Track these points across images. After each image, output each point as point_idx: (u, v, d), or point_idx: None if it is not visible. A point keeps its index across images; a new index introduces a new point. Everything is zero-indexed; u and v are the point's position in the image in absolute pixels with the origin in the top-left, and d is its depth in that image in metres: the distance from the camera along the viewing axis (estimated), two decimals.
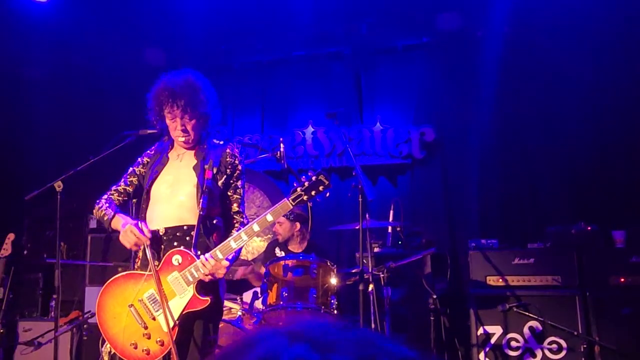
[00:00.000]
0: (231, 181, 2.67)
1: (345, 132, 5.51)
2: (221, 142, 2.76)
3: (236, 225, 2.67)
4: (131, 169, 2.81)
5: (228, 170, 2.66)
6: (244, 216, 2.71)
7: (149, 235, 2.49)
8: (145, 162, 2.78)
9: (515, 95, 5.21)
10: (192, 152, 2.70)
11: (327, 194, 2.38)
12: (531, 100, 5.17)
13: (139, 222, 2.53)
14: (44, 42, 5.63)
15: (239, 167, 2.69)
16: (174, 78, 2.61)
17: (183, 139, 2.63)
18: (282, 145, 3.87)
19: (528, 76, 5.17)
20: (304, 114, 5.77)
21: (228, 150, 2.70)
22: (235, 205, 2.69)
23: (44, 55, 5.79)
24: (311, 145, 5.66)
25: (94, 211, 2.72)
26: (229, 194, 2.68)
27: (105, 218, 2.65)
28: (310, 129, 5.68)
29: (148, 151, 2.84)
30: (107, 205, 2.68)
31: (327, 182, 2.37)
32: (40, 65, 5.85)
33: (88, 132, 5.56)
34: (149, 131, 2.93)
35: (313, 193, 2.37)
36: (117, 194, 2.77)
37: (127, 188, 2.78)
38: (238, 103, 5.99)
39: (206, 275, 2.43)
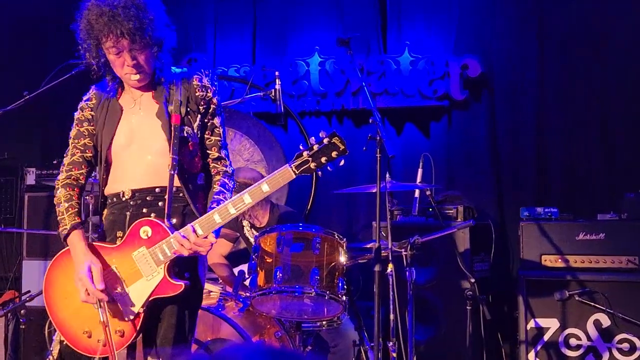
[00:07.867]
0: (206, 120, 2.67)
1: (362, 63, 5.46)
2: (184, 70, 2.73)
3: (218, 177, 2.66)
4: (75, 130, 2.72)
5: (201, 108, 2.65)
6: (227, 164, 2.71)
7: (100, 286, 2.46)
8: (90, 117, 2.70)
9: (590, 17, 5.12)
10: (150, 93, 2.66)
11: (342, 162, 2.40)
12: (614, 21, 5.05)
13: (92, 265, 2.49)
14: None
15: (214, 99, 2.68)
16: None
17: (137, 76, 2.57)
18: (278, 81, 3.84)
19: None
20: (308, 39, 5.72)
21: (195, 82, 2.67)
22: (214, 150, 2.69)
23: None
24: (317, 80, 5.63)
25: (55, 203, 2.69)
26: (205, 136, 2.68)
27: (60, 230, 2.62)
28: (317, 58, 5.64)
29: (85, 102, 2.74)
30: (65, 204, 2.62)
31: (342, 147, 2.38)
32: None
33: (25, 64, 5.53)
34: None
35: (324, 160, 2.38)
36: (75, 171, 2.68)
37: (85, 155, 2.69)
38: (221, 22, 5.94)
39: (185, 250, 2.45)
